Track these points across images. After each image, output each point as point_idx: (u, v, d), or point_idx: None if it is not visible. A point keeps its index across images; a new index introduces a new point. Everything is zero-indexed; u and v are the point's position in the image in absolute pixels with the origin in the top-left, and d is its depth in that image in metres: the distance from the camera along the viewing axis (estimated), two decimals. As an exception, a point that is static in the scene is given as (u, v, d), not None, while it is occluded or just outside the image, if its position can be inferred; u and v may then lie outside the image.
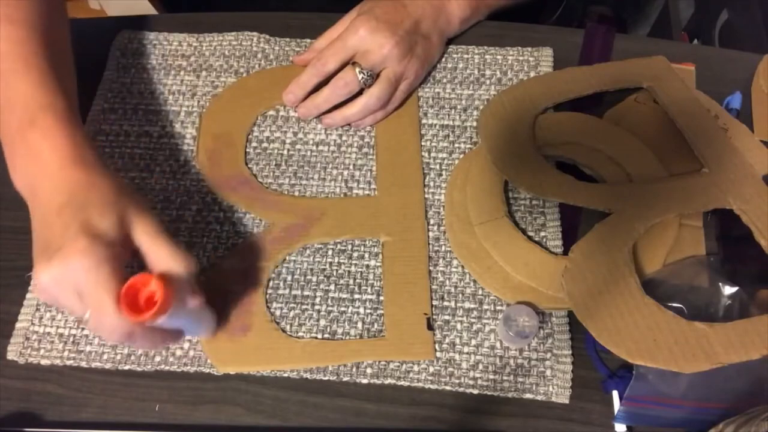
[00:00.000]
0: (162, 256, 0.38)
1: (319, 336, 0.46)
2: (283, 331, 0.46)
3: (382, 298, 0.47)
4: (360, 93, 0.53)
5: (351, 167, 0.53)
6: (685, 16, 1.15)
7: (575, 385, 0.45)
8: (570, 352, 0.46)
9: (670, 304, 0.45)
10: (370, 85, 0.52)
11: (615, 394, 0.44)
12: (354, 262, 0.49)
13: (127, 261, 0.38)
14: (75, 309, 0.36)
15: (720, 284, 0.45)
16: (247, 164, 0.53)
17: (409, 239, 0.49)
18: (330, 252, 0.49)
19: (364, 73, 0.51)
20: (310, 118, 0.55)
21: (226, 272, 0.48)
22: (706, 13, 1.09)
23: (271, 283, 0.48)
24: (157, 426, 0.44)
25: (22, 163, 0.41)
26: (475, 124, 0.54)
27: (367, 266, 0.49)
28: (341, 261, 0.49)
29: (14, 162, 0.41)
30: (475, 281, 0.48)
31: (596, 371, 0.46)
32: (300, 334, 0.46)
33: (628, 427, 0.44)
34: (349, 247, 0.50)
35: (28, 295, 0.48)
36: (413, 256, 0.49)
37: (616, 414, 0.43)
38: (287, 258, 0.49)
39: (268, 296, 0.48)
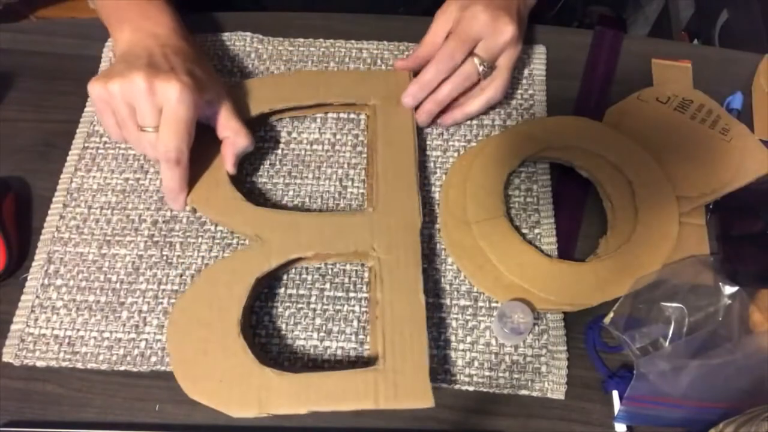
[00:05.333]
0: (234, 127, 0.48)
1: (315, 335, 0.46)
2: (262, 362, 0.43)
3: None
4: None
5: (345, 166, 0.53)
6: (685, 16, 1.15)
7: (575, 385, 0.45)
8: (565, 348, 0.46)
9: (670, 304, 0.45)
10: (487, 75, 0.51)
11: (615, 394, 0.44)
12: (349, 260, 0.49)
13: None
14: (146, 117, 0.44)
15: (720, 284, 0.45)
16: (235, 181, 0.51)
17: (403, 266, 0.46)
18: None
19: (484, 65, 0.50)
20: (428, 122, 0.53)
21: (201, 300, 0.45)
22: (706, 13, 1.09)
23: (257, 302, 0.48)
24: (157, 426, 0.44)
25: (134, 20, 0.49)
26: (470, 120, 0.55)
27: (362, 264, 0.49)
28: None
29: (124, 21, 0.50)
30: (470, 279, 0.48)
31: (596, 371, 0.46)
32: (296, 332, 0.46)
33: (628, 427, 0.44)
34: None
35: (23, 297, 0.48)
36: (410, 288, 0.45)
37: (616, 414, 0.43)
38: (271, 282, 0.48)
39: (260, 300, 0.48)
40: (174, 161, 0.45)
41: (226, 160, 0.49)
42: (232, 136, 0.48)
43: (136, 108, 0.44)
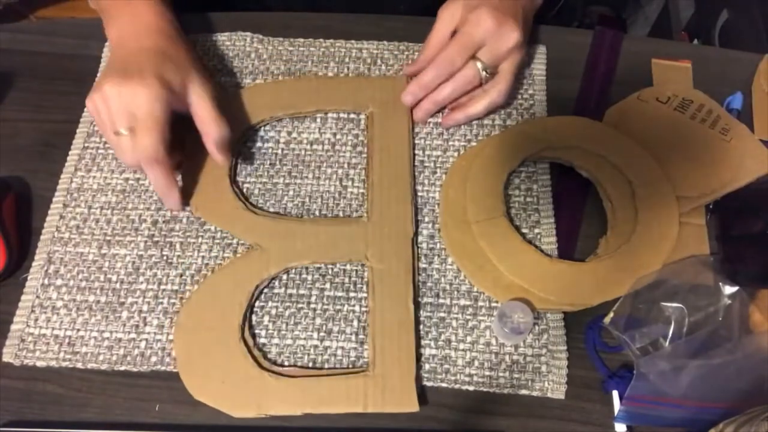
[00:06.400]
0: (205, 117, 0.49)
1: (315, 335, 0.46)
2: (259, 365, 0.44)
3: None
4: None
5: (345, 166, 0.53)
6: (685, 16, 1.15)
7: (575, 385, 0.45)
8: (565, 347, 0.46)
9: (670, 304, 0.45)
10: (488, 80, 0.51)
11: (615, 394, 0.44)
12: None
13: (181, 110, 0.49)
14: (117, 121, 0.45)
15: (720, 284, 0.45)
16: (233, 182, 0.52)
17: (395, 275, 0.47)
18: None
19: (486, 71, 0.50)
20: (424, 120, 0.54)
21: (205, 305, 0.47)
22: (706, 13, 1.09)
23: (253, 306, 0.48)
24: (157, 426, 0.44)
25: (120, 16, 0.52)
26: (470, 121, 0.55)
27: (362, 265, 0.49)
28: None
29: (111, 19, 0.52)
30: (470, 279, 0.48)
31: (596, 371, 0.46)
32: (296, 332, 0.46)
33: (628, 427, 0.44)
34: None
35: (23, 297, 0.48)
36: (400, 296, 0.47)
37: (616, 414, 0.43)
38: (272, 282, 0.48)
39: (261, 299, 0.48)
40: (152, 159, 0.45)
41: (211, 153, 0.50)
42: (206, 128, 0.49)
43: (111, 115, 0.46)
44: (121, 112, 0.45)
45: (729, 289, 0.45)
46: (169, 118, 0.46)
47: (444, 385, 0.45)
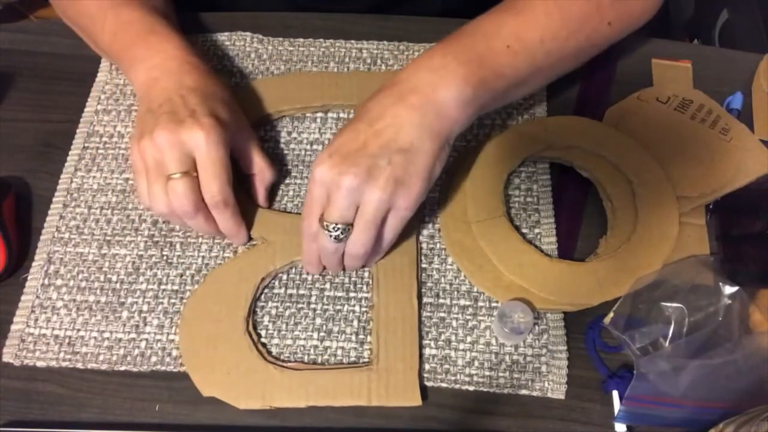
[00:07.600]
0: (260, 162, 0.49)
1: (315, 335, 0.46)
2: (264, 358, 0.45)
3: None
4: None
5: None
6: (685, 16, 1.15)
7: (575, 385, 0.45)
8: (565, 347, 0.46)
9: (670, 304, 0.45)
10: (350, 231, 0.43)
11: (615, 394, 0.44)
12: None
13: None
14: (170, 166, 0.42)
15: (720, 284, 0.45)
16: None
17: (399, 270, 0.48)
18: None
19: (333, 229, 0.42)
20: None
21: (210, 298, 0.47)
22: (706, 13, 1.09)
23: (258, 301, 0.48)
24: (157, 426, 0.44)
25: (144, 58, 0.48)
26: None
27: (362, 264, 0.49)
28: None
29: (135, 62, 0.48)
30: (470, 279, 0.48)
31: (596, 371, 0.46)
32: (296, 332, 0.46)
33: (628, 427, 0.44)
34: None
35: (23, 297, 0.48)
36: (404, 291, 0.47)
37: (616, 414, 0.43)
38: (272, 282, 0.48)
39: (261, 299, 0.48)
40: (222, 204, 0.44)
41: (258, 196, 0.50)
42: (259, 174, 0.49)
43: (164, 160, 0.43)
44: (175, 157, 0.42)
45: (729, 289, 0.45)
46: (229, 158, 0.44)
47: (444, 385, 0.45)
